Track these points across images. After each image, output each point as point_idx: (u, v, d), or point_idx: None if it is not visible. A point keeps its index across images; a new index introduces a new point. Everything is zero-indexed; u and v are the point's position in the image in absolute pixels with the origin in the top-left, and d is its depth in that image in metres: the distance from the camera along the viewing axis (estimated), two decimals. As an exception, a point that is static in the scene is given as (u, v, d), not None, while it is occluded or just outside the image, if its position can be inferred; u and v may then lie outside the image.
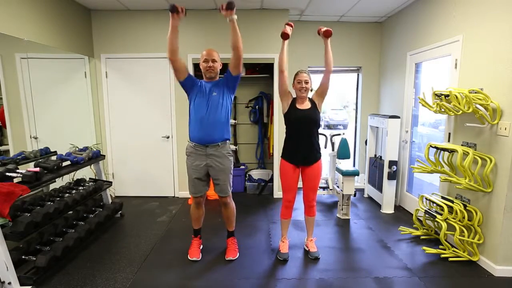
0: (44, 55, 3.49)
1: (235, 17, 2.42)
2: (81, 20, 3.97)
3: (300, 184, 2.73)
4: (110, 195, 3.94)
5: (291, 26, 2.71)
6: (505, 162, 2.40)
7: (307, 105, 2.64)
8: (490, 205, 2.55)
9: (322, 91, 2.67)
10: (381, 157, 4.21)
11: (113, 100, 4.33)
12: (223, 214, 2.82)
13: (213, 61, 2.59)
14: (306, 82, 2.59)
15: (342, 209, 3.77)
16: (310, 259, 2.76)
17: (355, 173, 3.67)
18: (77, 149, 3.44)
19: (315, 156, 2.67)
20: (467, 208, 2.71)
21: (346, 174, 3.65)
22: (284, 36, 2.67)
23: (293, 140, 2.67)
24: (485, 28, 2.64)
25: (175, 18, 2.49)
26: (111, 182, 3.79)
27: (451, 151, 2.82)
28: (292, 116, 2.63)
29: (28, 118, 3.19)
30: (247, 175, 4.83)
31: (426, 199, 3.04)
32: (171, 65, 2.62)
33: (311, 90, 2.71)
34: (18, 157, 2.77)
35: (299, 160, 2.67)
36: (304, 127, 2.63)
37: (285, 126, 2.74)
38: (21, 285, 2.23)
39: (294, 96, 2.69)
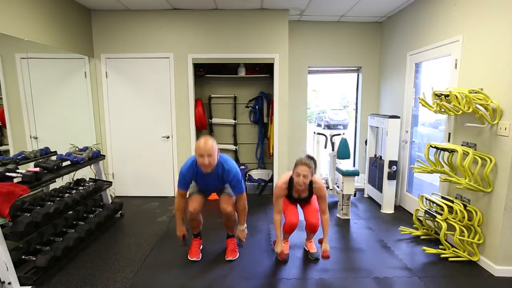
0: (44, 55, 3.49)
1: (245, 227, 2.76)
2: (81, 20, 3.97)
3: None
4: (110, 195, 3.94)
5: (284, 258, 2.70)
6: (505, 162, 2.40)
7: (304, 193, 2.66)
8: (490, 205, 2.55)
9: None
10: (381, 157, 4.21)
11: (113, 100, 4.33)
12: (224, 222, 2.82)
13: (209, 156, 2.38)
14: (305, 177, 2.43)
15: (342, 209, 3.77)
16: (310, 259, 2.77)
17: (355, 173, 3.67)
18: (77, 149, 3.44)
19: (311, 197, 2.77)
20: (467, 208, 2.71)
21: (346, 174, 3.65)
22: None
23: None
24: (485, 28, 2.64)
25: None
26: (111, 182, 3.79)
27: (451, 151, 2.82)
28: (288, 199, 2.75)
29: (28, 118, 3.18)
30: (247, 175, 4.83)
31: (426, 199, 3.04)
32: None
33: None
34: (18, 157, 2.77)
35: (298, 203, 2.82)
36: (300, 201, 2.78)
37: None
38: (21, 285, 2.23)
39: (291, 175, 2.60)
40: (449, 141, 3.06)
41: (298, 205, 2.82)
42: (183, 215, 2.68)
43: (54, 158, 3.11)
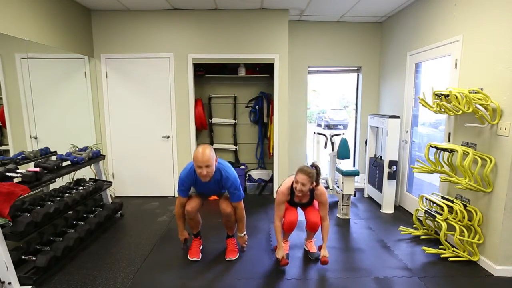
0: (44, 55, 3.49)
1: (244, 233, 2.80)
2: (81, 20, 3.97)
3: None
4: (110, 195, 3.94)
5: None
6: (505, 162, 2.40)
7: (305, 198, 2.66)
8: (490, 205, 2.55)
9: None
10: (381, 157, 4.21)
11: (113, 100, 4.33)
12: (224, 222, 2.82)
13: (207, 166, 2.38)
14: (303, 185, 2.44)
15: (342, 209, 3.77)
16: (310, 259, 2.77)
17: (355, 173, 3.67)
18: (77, 149, 3.43)
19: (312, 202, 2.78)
20: (467, 208, 2.71)
21: (346, 174, 3.65)
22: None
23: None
24: (485, 28, 2.63)
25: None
26: (111, 182, 3.79)
27: (451, 151, 2.82)
28: (289, 204, 2.75)
29: (28, 118, 3.18)
30: (247, 175, 4.83)
31: (426, 199, 3.04)
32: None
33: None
34: (18, 157, 2.77)
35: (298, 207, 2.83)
36: (302, 206, 2.78)
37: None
38: (21, 285, 2.23)
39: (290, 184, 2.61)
40: (449, 141, 3.06)
41: (298, 207, 2.82)
42: (184, 221, 2.76)
43: (54, 158, 3.11)
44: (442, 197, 3.00)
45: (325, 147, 4.52)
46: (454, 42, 3.01)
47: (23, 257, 2.40)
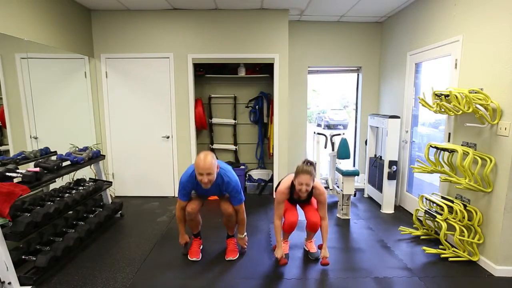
0: (44, 55, 3.49)
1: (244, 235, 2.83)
2: (81, 20, 3.97)
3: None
4: (110, 195, 3.94)
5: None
6: (505, 162, 2.40)
7: (303, 196, 2.63)
8: (490, 205, 2.55)
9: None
10: (381, 157, 4.21)
11: (113, 100, 4.33)
12: (224, 221, 2.82)
13: (208, 174, 2.37)
14: (307, 185, 2.45)
15: (342, 209, 3.77)
16: (310, 259, 2.77)
17: (355, 173, 3.67)
18: (77, 149, 3.43)
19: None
20: (467, 208, 2.71)
21: (346, 174, 3.65)
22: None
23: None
24: (485, 28, 2.63)
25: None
26: (111, 182, 3.79)
27: (451, 151, 2.82)
28: (289, 201, 2.75)
29: (28, 118, 3.18)
30: (247, 175, 4.83)
31: (426, 199, 3.04)
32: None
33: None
34: (18, 157, 2.77)
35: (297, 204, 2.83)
36: (300, 203, 2.79)
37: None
38: (21, 285, 2.23)
39: (292, 181, 2.60)
40: (449, 141, 3.06)
41: (298, 205, 2.82)
42: (184, 224, 2.76)
43: (54, 158, 3.11)
44: (442, 197, 3.00)
45: (325, 147, 4.52)
46: (454, 42, 3.01)
47: (23, 257, 2.40)
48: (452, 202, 2.80)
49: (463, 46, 2.89)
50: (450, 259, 2.71)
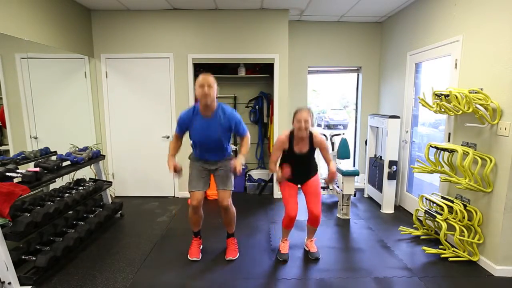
0: (44, 55, 3.49)
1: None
2: (81, 20, 3.97)
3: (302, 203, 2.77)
4: (110, 195, 3.94)
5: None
6: (505, 162, 2.40)
7: (304, 147, 2.63)
8: (490, 205, 2.55)
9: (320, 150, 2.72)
10: (381, 157, 4.21)
11: (113, 100, 4.33)
12: (223, 219, 2.81)
13: (209, 86, 2.42)
14: (306, 121, 2.49)
15: (342, 209, 3.77)
16: (310, 259, 2.77)
17: (355, 173, 3.67)
18: (77, 149, 3.44)
19: (312, 174, 2.76)
20: (467, 208, 2.71)
21: (346, 174, 3.65)
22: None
23: (291, 168, 2.67)
24: (485, 28, 2.64)
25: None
26: (111, 182, 3.79)
27: (451, 151, 2.82)
28: (289, 158, 2.69)
29: (28, 118, 3.18)
30: (247, 175, 4.83)
31: (426, 199, 3.04)
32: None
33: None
34: (18, 157, 2.77)
35: (298, 181, 2.75)
36: (301, 163, 2.70)
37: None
38: (21, 285, 2.23)
39: (292, 129, 2.62)
40: (449, 141, 3.06)
41: (298, 198, 2.74)
42: (175, 152, 2.77)
43: (54, 158, 3.11)
44: (442, 197, 3.00)
45: (325, 147, 4.52)
46: (454, 42, 3.01)
47: (23, 257, 2.40)
48: (452, 202, 2.80)
49: (463, 46, 2.89)
50: (450, 259, 2.71)
